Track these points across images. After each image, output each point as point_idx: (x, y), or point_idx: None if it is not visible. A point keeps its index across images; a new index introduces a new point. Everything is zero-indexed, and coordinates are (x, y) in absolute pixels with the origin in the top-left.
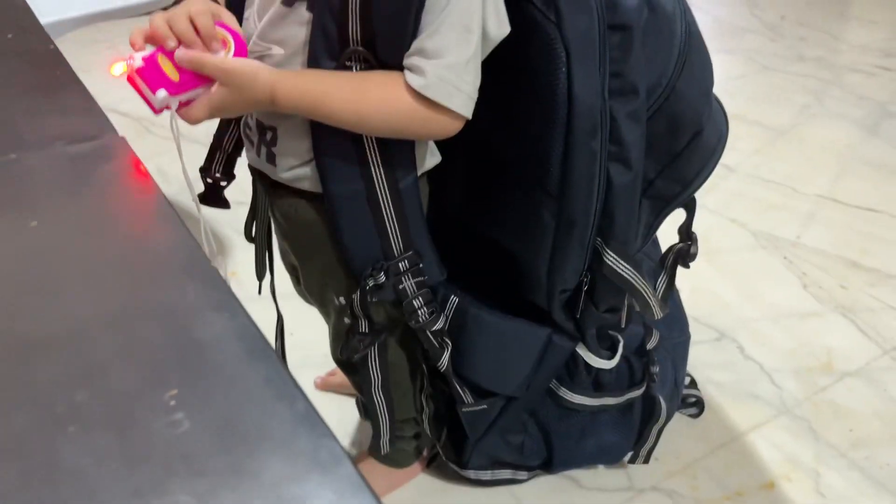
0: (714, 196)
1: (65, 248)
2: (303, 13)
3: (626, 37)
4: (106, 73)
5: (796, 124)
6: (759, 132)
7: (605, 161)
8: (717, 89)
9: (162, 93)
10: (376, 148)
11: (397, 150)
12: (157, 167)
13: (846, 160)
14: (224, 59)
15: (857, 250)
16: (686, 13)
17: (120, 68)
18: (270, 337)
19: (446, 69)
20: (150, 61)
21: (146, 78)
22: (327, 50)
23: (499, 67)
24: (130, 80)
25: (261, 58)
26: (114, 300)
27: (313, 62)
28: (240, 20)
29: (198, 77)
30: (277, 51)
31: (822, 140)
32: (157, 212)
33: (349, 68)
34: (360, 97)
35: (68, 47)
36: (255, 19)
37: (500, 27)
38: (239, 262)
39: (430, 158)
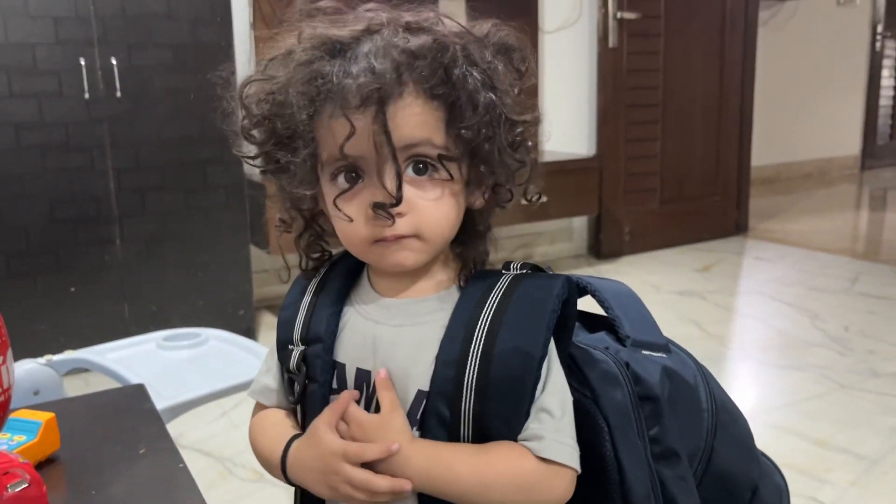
0: None
1: None
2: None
3: (656, 406)
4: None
5: (888, 451)
6: (851, 461)
7: None
8: (796, 410)
9: None
10: None
11: None
12: None
13: None
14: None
15: None
16: (708, 381)
17: None
18: None
19: (558, 432)
20: None
21: None
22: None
23: None
24: None
25: None
26: None
27: None
28: None
29: None
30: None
31: None
32: None
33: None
34: (486, 468)
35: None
36: None
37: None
38: None
39: None
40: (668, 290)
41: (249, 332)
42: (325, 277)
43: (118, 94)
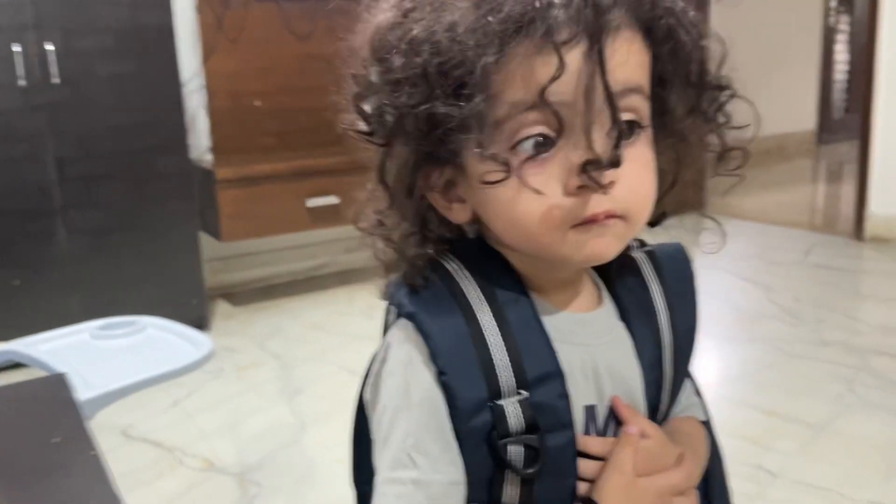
0: None
1: None
2: None
3: None
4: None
5: (834, 418)
6: (797, 429)
7: None
8: (747, 382)
9: None
10: None
11: None
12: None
13: (893, 457)
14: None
15: None
16: None
17: None
18: None
19: (697, 394)
20: None
21: None
22: None
23: None
24: None
25: None
26: None
27: None
28: None
29: None
30: None
31: (864, 436)
32: None
33: None
34: (702, 446)
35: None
36: None
37: None
38: None
39: None
40: None
41: (202, 320)
42: (487, 289)
43: (56, 80)
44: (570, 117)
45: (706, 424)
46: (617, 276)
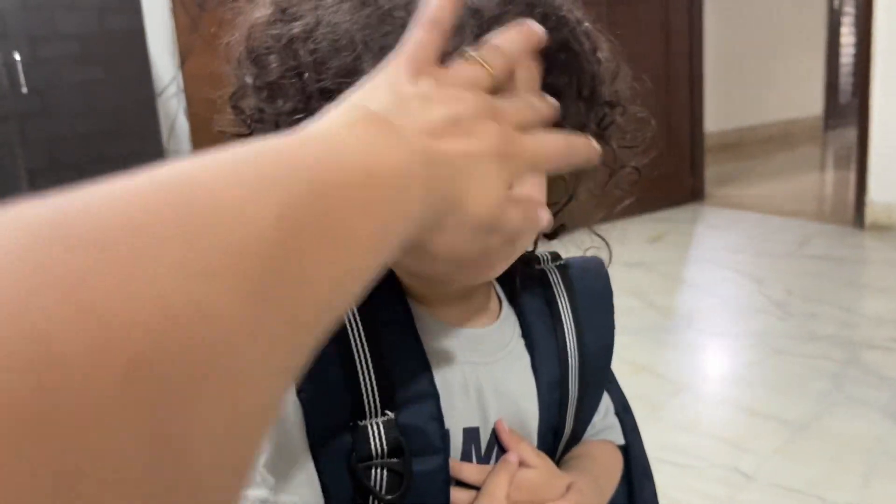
0: None
1: None
2: None
3: None
4: None
5: (816, 416)
6: (777, 428)
7: None
8: (730, 379)
9: None
10: None
11: None
12: None
13: (875, 457)
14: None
15: None
16: None
17: None
18: None
19: (614, 416)
20: None
21: None
22: None
23: None
24: None
25: None
26: None
27: None
28: None
29: None
30: None
31: (847, 434)
32: None
33: None
34: (613, 473)
35: None
36: None
37: None
38: None
39: None
40: (615, 262)
41: None
42: (361, 304)
43: (24, 89)
44: None
45: (626, 448)
46: (522, 289)
